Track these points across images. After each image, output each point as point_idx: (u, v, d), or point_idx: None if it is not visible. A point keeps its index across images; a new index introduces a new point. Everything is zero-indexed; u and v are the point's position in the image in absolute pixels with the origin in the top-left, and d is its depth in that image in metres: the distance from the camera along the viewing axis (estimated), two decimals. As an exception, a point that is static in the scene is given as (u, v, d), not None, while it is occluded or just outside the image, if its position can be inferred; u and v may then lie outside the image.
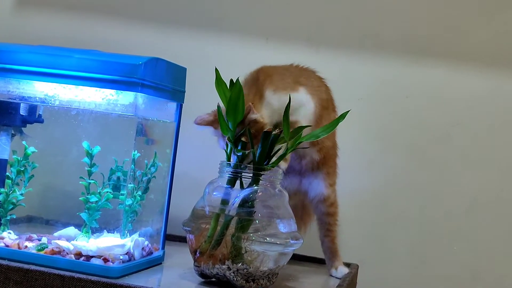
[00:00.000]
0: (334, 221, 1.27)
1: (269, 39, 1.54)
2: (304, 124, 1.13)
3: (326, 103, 1.24)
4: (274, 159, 1.10)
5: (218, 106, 1.09)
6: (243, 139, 1.09)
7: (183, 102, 1.23)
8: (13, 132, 1.20)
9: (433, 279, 1.48)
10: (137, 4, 1.60)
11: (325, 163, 1.25)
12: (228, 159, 1.11)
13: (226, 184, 1.10)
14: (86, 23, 1.61)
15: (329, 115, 1.24)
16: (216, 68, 1.08)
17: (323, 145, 1.23)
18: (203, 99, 1.23)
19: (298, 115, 1.16)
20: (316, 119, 1.20)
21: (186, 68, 1.24)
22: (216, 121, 1.13)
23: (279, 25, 1.55)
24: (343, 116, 1.12)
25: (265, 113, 1.13)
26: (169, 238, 1.30)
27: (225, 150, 1.12)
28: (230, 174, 1.10)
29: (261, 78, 1.17)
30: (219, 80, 1.09)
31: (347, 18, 1.52)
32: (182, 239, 1.36)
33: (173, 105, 1.22)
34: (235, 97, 1.06)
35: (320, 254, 1.31)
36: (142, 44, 1.57)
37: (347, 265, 1.30)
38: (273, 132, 1.07)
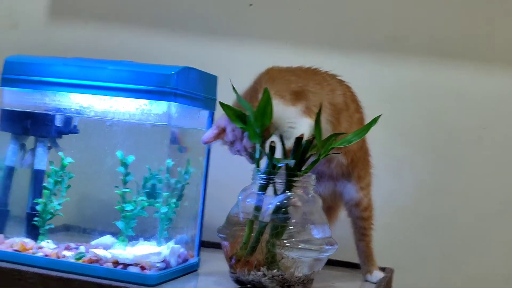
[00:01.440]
0: (369, 225, 1.27)
1: (294, 44, 1.54)
2: (307, 136, 1.11)
3: (341, 106, 1.21)
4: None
5: (221, 102, 1.10)
6: (271, 143, 1.09)
7: (215, 110, 1.24)
8: (49, 145, 1.22)
9: (465, 282, 1.47)
10: (166, 14, 1.62)
11: (355, 166, 1.25)
12: (257, 162, 1.12)
13: (259, 191, 1.11)
14: (116, 33, 1.63)
15: (350, 117, 1.22)
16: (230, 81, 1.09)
17: (349, 149, 1.21)
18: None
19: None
20: (332, 128, 1.19)
21: (216, 76, 1.25)
22: (221, 132, 1.14)
23: (305, 30, 1.55)
24: (375, 120, 1.12)
25: None
26: (204, 244, 1.31)
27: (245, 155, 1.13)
28: (263, 181, 1.11)
29: (263, 80, 1.16)
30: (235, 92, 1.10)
31: (371, 21, 1.52)
32: (216, 246, 1.37)
33: (205, 113, 1.23)
34: (264, 104, 1.06)
35: (354, 259, 1.31)
36: (172, 53, 1.59)
37: (382, 269, 1.30)
38: (306, 139, 1.07)
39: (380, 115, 1.12)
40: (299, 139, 1.08)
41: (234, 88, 1.11)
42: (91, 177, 1.23)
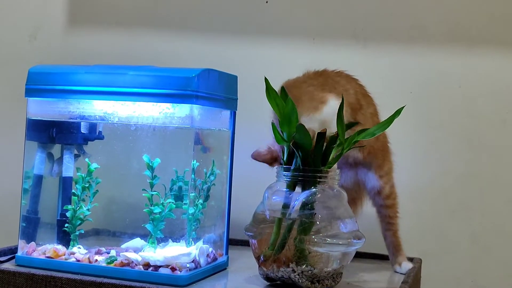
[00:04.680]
0: (394, 213, 1.27)
1: (316, 38, 1.54)
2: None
3: (357, 104, 1.22)
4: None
5: (273, 124, 1.10)
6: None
7: (236, 110, 1.25)
8: (76, 152, 1.24)
9: (496, 267, 1.47)
10: (182, 15, 1.62)
11: (373, 156, 1.25)
12: (285, 164, 1.13)
13: (285, 188, 1.12)
14: (135, 38, 1.64)
15: (363, 114, 1.22)
16: (266, 78, 1.08)
17: (364, 142, 1.20)
18: (255, 104, 1.25)
19: (333, 126, 1.11)
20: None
21: (237, 76, 1.26)
22: (272, 158, 1.15)
23: (325, 23, 1.55)
24: (398, 112, 1.12)
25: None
26: (232, 242, 1.32)
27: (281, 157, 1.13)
28: (288, 178, 1.11)
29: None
30: (270, 90, 1.09)
31: (393, 10, 1.51)
32: (244, 243, 1.39)
33: (227, 113, 1.24)
34: (289, 112, 1.07)
35: (382, 250, 1.31)
36: (191, 54, 1.60)
37: (410, 259, 1.30)
38: (331, 134, 1.08)
39: (403, 106, 1.12)
40: (321, 134, 1.09)
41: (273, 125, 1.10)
42: (119, 182, 1.25)
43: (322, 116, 1.13)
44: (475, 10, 1.48)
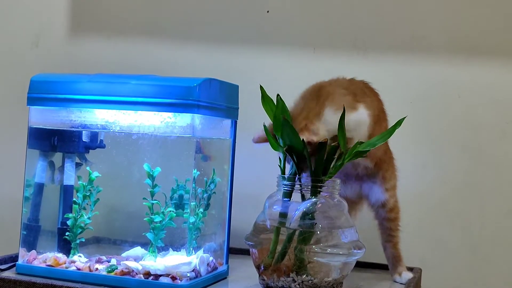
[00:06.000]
0: (396, 227, 1.27)
1: (316, 48, 1.55)
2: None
3: (377, 118, 1.23)
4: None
5: (264, 125, 1.11)
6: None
7: (237, 119, 1.26)
8: (78, 160, 1.24)
9: (496, 277, 1.47)
10: (184, 25, 1.63)
11: (380, 168, 1.25)
12: (283, 172, 1.13)
13: (284, 197, 1.12)
14: (137, 47, 1.65)
15: (380, 127, 1.23)
16: (261, 86, 1.10)
17: (374, 154, 1.21)
18: (256, 113, 1.25)
19: (356, 134, 1.14)
20: (370, 135, 1.20)
21: (238, 86, 1.26)
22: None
23: (325, 33, 1.55)
24: (399, 123, 1.12)
25: (321, 129, 1.14)
26: (232, 251, 1.32)
27: (278, 165, 1.14)
28: (287, 187, 1.12)
29: (322, 96, 1.16)
30: (265, 98, 1.11)
31: (393, 20, 1.52)
32: (245, 252, 1.39)
33: (228, 122, 1.25)
34: (279, 115, 1.07)
35: (382, 260, 1.32)
36: (193, 64, 1.60)
37: (410, 269, 1.30)
38: (331, 144, 1.08)
39: (405, 117, 1.13)
40: (322, 144, 1.09)
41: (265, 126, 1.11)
42: (120, 190, 1.25)
43: (349, 120, 1.12)
44: (475, 21, 1.48)
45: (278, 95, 1.10)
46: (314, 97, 1.16)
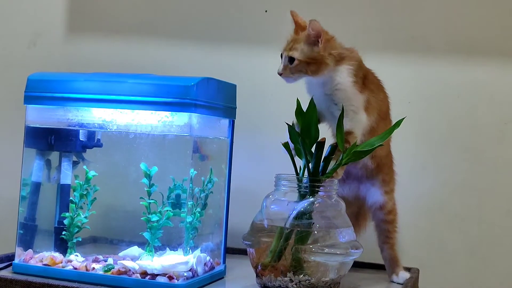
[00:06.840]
0: (393, 229, 1.27)
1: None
2: (358, 134, 1.14)
3: (384, 115, 1.23)
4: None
5: (291, 125, 1.12)
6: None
7: (235, 118, 1.26)
8: (75, 159, 1.24)
9: (494, 278, 1.46)
10: (182, 24, 1.62)
11: (380, 170, 1.25)
12: (303, 173, 1.13)
13: (282, 197, 1.12)
14: (134, 46, 1.64)
15: (385, 125, 1.23)
16: (297, 99, 1.12)
17: (376, 154, 1.22)
18: (253, 113, 1.25)
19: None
20: (371, 131, 1.20)
21: (235, 85, 1.26)
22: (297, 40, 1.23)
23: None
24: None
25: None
26: (229, 251, 1.32)
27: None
28: (285, 187, 1.12)
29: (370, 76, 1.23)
30: (299, 110, 1.12)
31: (393, 21, 1.52)
32: (242, 252, 1.38)
33: (225, 122, 1.25)
34: (308, 121, 1.09)
35: (380, 260, 1.31)
36: (190, 63, 1.60)
37: (408, 269, 1.30)
38: (331, 144, 1.08)
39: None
40: (320, 143, 1.09)
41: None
42: (117, 189, 1.25)
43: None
44: (474, 21, 1.48)
45: (311, 100, 1.11)
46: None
